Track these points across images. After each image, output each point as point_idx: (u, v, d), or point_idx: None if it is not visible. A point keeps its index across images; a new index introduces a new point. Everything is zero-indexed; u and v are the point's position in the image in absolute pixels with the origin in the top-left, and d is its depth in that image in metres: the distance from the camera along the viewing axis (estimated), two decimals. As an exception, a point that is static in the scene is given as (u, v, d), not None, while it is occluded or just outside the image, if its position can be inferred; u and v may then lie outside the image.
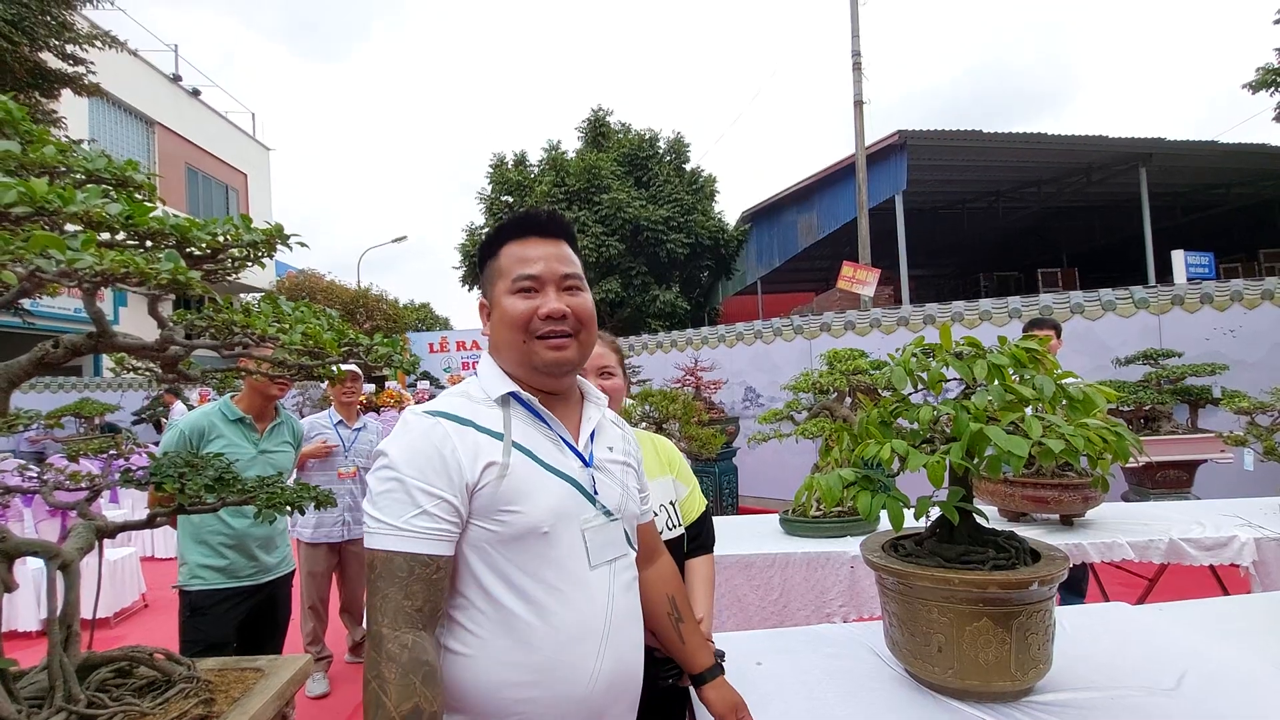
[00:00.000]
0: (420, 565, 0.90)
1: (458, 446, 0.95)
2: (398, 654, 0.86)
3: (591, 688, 0.98)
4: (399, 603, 0.89)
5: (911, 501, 1.39)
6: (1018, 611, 1.27)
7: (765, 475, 7.03)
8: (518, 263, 1.05)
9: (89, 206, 0.89)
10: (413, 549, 0.90)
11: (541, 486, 0.99)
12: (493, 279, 1.09)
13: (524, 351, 1.04)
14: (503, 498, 0.96)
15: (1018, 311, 6.33)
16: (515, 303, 1.04)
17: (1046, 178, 13.79)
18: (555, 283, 1.05)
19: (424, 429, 0.97)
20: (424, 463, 0.93)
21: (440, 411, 1.00)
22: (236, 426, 2.22)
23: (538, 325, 1.03)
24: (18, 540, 1.13)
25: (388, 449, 0.96)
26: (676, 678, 1.40)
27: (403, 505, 0.91)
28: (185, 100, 17.19)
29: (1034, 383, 1.35)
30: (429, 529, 0.92)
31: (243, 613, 2.16)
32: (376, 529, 0.92)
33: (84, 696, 1.15)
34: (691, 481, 1.67)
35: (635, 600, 1.11)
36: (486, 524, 0.96)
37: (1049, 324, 3.96)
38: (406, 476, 0.92)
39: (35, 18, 7.67)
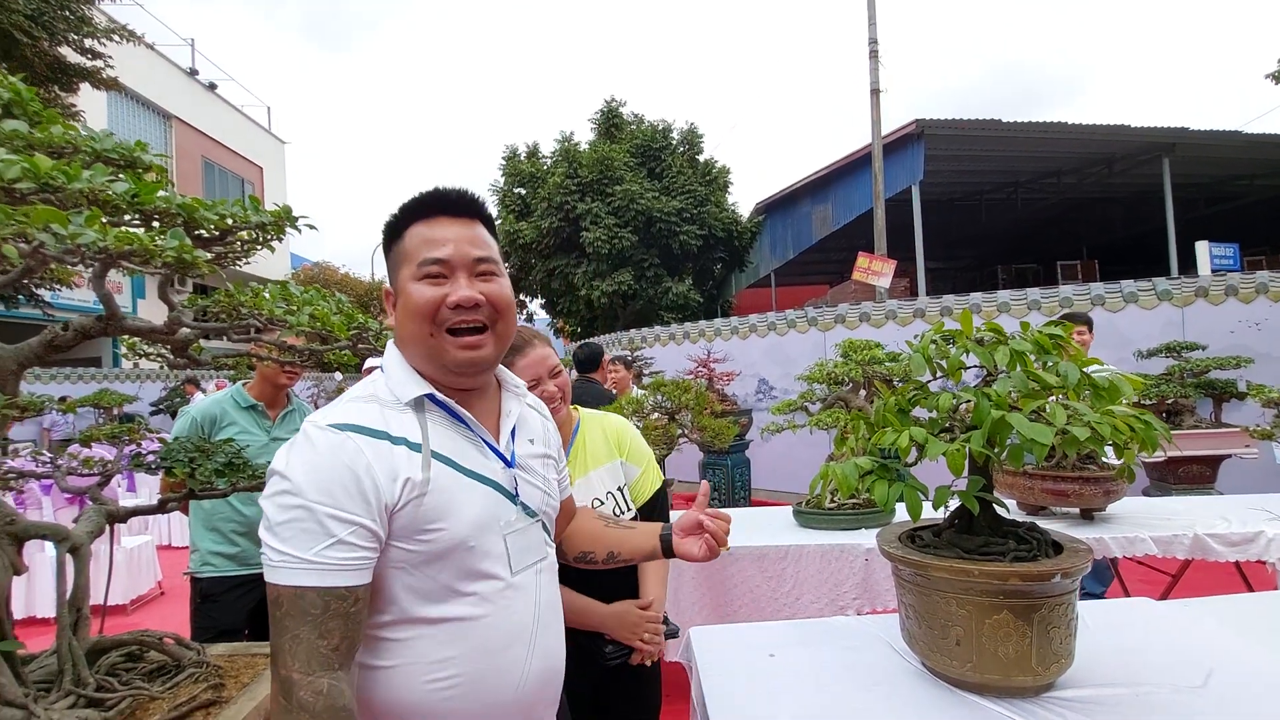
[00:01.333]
0: (336, 600, 0.80)
1: (372, 464, 0.85)
2: (311, 703, 0.78)
3: (521, 690, 0.95)
4: (312, 643, 0.79)
5: (930, 492, 1.36)
6: (1039, 605, 1.24)
7: (778, 468, 6.99)
8: (424, 245, 0.93)
9: (95, 184, 0.88)
10: (326, 583, 0.80)
11: (464, 499, 0.91)
12: (397, 263, 0.96)
13: (431, 346, 0.93)
14: (424, 516, 0.87)
15: (1037, 303, 6.23)
16: (421, 290, 0.91)
17: (1067, 168, 13.53)
18: (466, 267, 0.93)
19: (331, 446, 0.84)
20: (334, 485, 0.82)
21: (348, 424, 0.87)
22: (249, 414, 2.23)
23: (446, 316, 0.91)
24: (27, 523, 1.13)
25: (287, 471, 0.83)
26: (624, 658, 1.42)
27: (311, 535, 0.80)
28: (202, 94, 17.34)
29: (1058, 369, 1.31)
30: (344, 560, 0.81)
31: (253, 600, 2.18)
32: (281, 563, 0.80)
33: (93, 680, 1.15)
34: (644, 460, 1.63)
35: (556, 590, 1.07)
36: (406, 544, 0.88)
37: (1081, 318, 3.88)
38: (314, 502, 0.81)
39: (54, 12, 7.75)
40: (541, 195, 14.40)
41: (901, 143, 11.47)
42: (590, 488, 1.55)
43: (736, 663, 1.52)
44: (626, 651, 1.43)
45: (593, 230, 13.61)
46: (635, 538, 1.31)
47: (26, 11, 7.26)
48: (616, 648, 1.43)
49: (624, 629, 1.42)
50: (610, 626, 1.43)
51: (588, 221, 13.75)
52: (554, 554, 1.09)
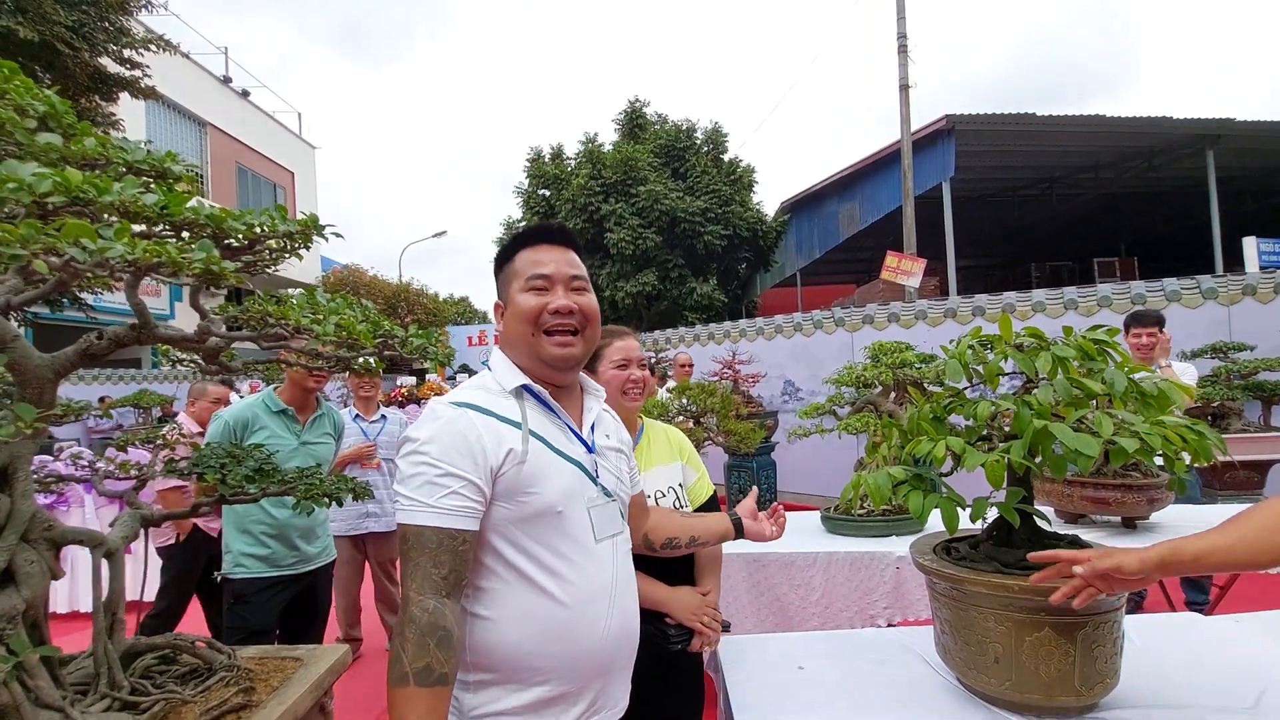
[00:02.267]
0: (449, 538, 1.00)
1: (482, 434, 1.05)
2: (419, 616, 0.96)
3: (604, 641, 1.11)
4: (427, 570, 0.98)
5: (967, 502, 1.32)
6: (1083, 622, 1.19)
7: (805, 470, 6.89)
8: (531, 264, 1.16)
9: (125, 197, 0.89)
10: (442, 524, 1.00)
11: (555, 470, 1.10)
12: (508, 280, 1.19)
13: (532, 344, 1.14)
14: (523, 481, 1.06)
15: (1073, 302, 6.05)
16: (528, 299, 1.14)
17: (1104, 162, 13.13)
18: (564, 282, 1.16)
19: (451, 417, 1.06)
20: (452, 448, 1.02)
21: (464, 402, 1.09)
22: (279, 418, 2.26)
23: (546, 320, 1.14)
24: (64, 529, 1.15)
25: (418, 435, 1.05)
26: (685, 642, 1.49)
27: (433, 486, 1.00)
28: (235, 101, 17.76)
29: (1103, 377, 1.25)
30: (457, 506, 1.01)
31: (284, 601, 2.20)
32: (409, 506, 1.01)
33: (127, 683, 1.17)
34: (701, 469, 1.79)
35: (630, 567, 1.24)
36: (508, 504, 1.06)
37: (1152, 317, 3.71)
38: (437, 460, 1.01)
39: (94, 24, 8.00)
40: (565, 197, 14.45)
41: (931, 139, 11.25)
42: (654, 481, 1.66)
43: (765, 675, 1.49)
44: (687, 636, 1.50)
45: (616, 231, 13.61)
46: (712, 522, 1.53)
47: (68, 24, 7.50)
48: (679, 631, 1.49)
49: (685, 610, 1.50)
50: (672, 607, 1.50)
51: (611, 222, 13.76)
52: (628, 532, 1.26)
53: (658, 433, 1.77)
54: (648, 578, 1.51)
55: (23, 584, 1.07)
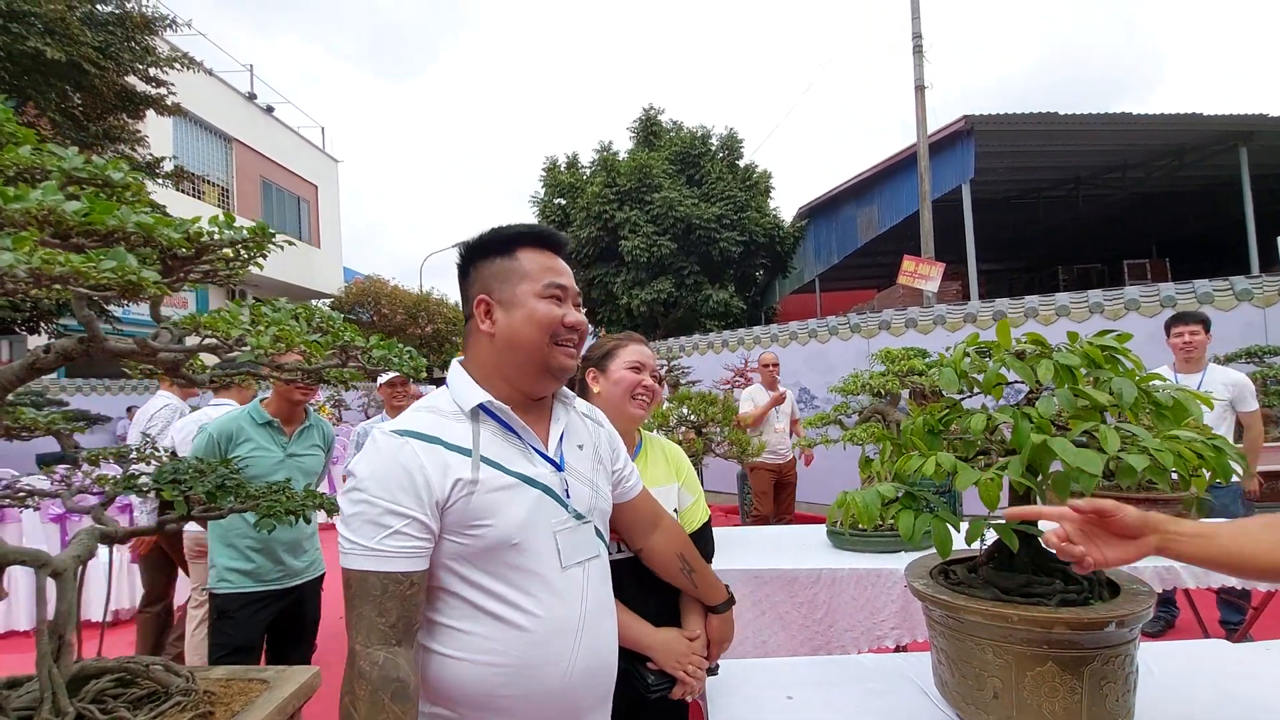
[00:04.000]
0: (393, 583, 0.92)
1: (425, 465, 0.97)
2: (368, 671, 0.90)
3: (567, 681, 1.03)
4: (372, 620, 0.91)
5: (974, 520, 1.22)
6: (1090, 657, 1.08)
7: (821, 480, 6.73)
8: (546, 270, 1.09)
9: (46, 204, 0.84)
10: (385, 568, 0.92)
11: (511, 499, 1.02)
12: (510, 277, 1.09)
13: (544, 353, 1.07)
14: (473, 513, 0.98)
15: (1099, 306, 5.84)
16: (548, 307, 1.07)
17: (1132, 162, 12.76)
18: (573, 297, 1.13)
19: (392, 450, 0.97)
20: (393, 483, 0.95)
21: (407, 431, 1.00)
22: (265, 430, 2.23)
23: (560, 332, 1.08)
24: (6, 549, 1.11)
25: (357, 470, 0.98)
26: (665, 691, 1.37)
27: (373, 527, 0.93)
28: (260, 117, 18.15)
29: (1110, 386, 1.15)
30: (401, 548, 0.93)
31: (269, 616, 2.17)
32: (350, 549, 0.94)
33: (73, 709, 1.12)
34: (697, 492, 1.69)
35: (608, 593, 1.17)
36: (458, 538, 0.99)
37: (1194, 317, 3.53)
38: (376, 498, 0.94)
39: (121, 44, 8.21)
40: (580, 205, 14.46)
41: (950, 140, 11.04)
42: None
43: (751, 703, 1.40)
44: (669, 684, 1.37)
45: (631, 239, 13.58)
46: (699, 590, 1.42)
47: (94, 44, 7.71)
48: (660, 678, 1.37)
49: (670, 657, 1.37)
50: (656, 652, 1.38)
51: (626, 230, 13.73)
52: (606, 555, 1.19)
53: (656, 450, 1.68)
54: (632, 614, 1.40)
55: (-42, 608, 1.03)
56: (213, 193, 16.13)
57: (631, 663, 1.39)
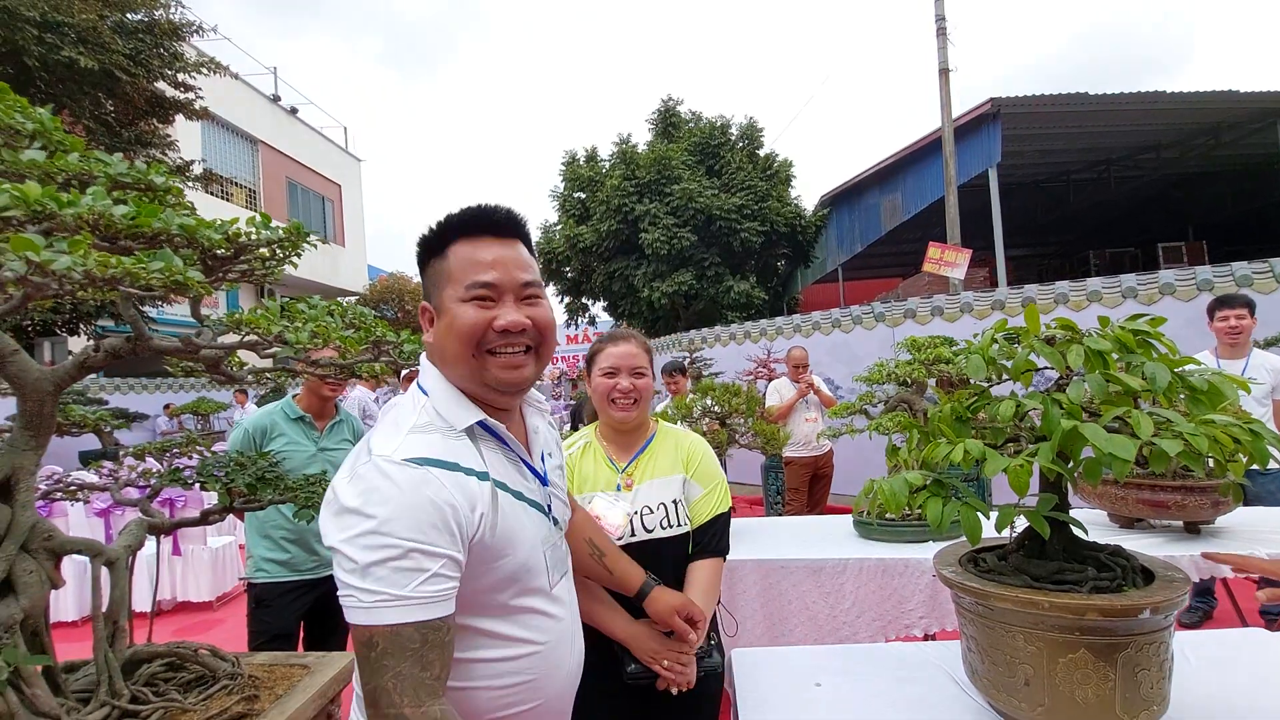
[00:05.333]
0: (433, 631, 0.81)
1: (453, 496, 0.85)
2: None
3: (568, 684, 1.04)
4: (417, 677, 0.80)
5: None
6: (1124, 643, 1.07)
7: (850, 471, 6.68)
8: (471, 267, 0.93)
9: (95, 209, 0.88)
10: (423, 616, 0.80)
11: (522, 523, 0.95)
12: (439, 282, 0.95)
13: (473, 367, 0.94)
14: (496, 545, 0.90)
15: (1133, 290, 5.69)
16: (468, 312, 0.92)
17: (1166, 141, 12.37)
18: (514, 291, 0.95)
19: (414, 482, 0.83)
20: (424, 522, 0.82)
21: (425, 459, 0.86)
22: (297, 425, 2.30)
23: (492, 338, 0.93)
24: (64, 539, 1.16)
25: (370, 509, 0.81)
26: (649, 680, 1.36)
27: (406, 573, 0.80)
28: (284, 118, 18.46)
29: (1143, 371, 1.13)
30: (438, 592, 0.82)
31: (305, 605, 2.24)
32: (374, 603, 0.79)
33: (127, 691, 1.18)
34: (711, 483, 1.59)
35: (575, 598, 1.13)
36: (479, 571, 0.90)
37: (1241, 300, 3.42)
38: (405, 540, 0.80)
39: (150, 51, 8.41)
40: (600, 198, 14.47)
41: (976, 124, 10.81)
42: (644, 496, 1.54)
43: (779, 691, 1.42)
44: (650, 676, 1.36)
45: (651, 231, 13.56)
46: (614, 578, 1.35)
47: (125, 51, 7.92)
48: (640, 668, 1.36)
49: (643, 652, 1.35)
50: (629, 645, 1.37)
51: (646, 223, 13.71)
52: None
53: (667, 441, 1.62)
54: (611, 604, 1.40)
55: (21, 593, 1.09)
56: (240, 194, 16.47)
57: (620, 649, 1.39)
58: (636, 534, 1.49)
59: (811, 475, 5.05)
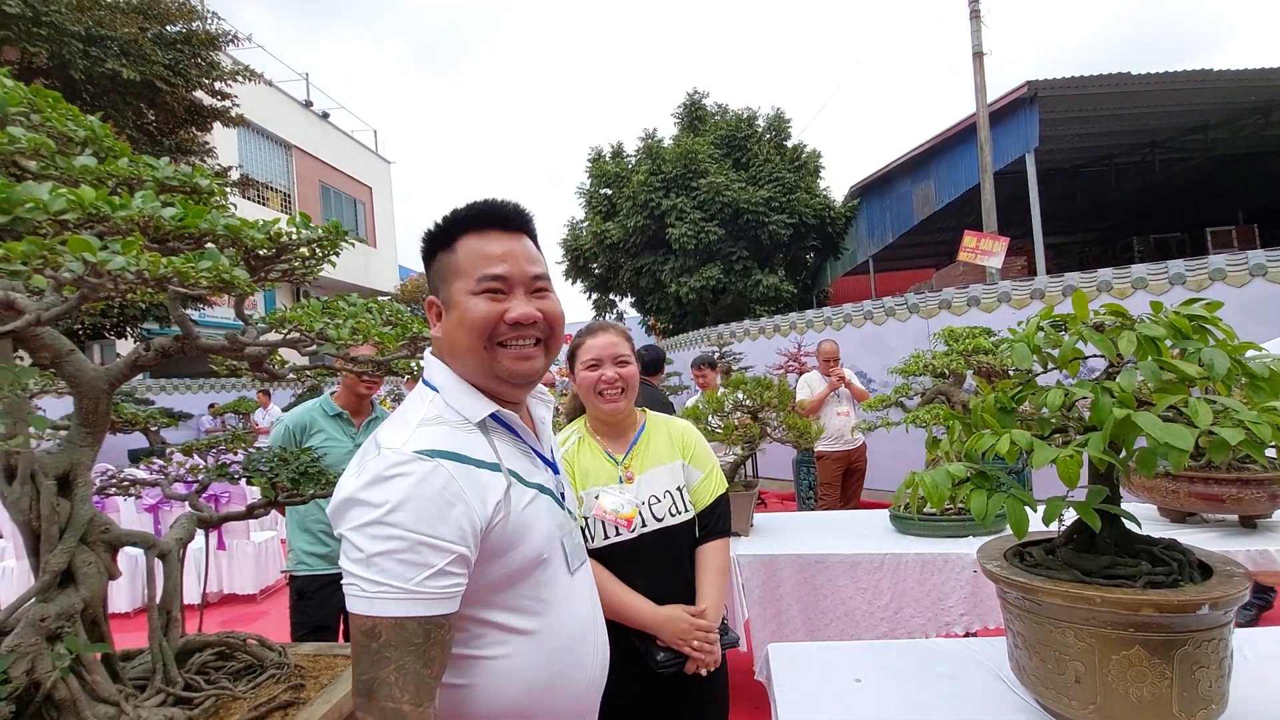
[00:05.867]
0: (436, 628, 0.81)
1: (464, 490, 0.84)
2: None
3: (591, 680, 1.00)
4: (419, 673, 0.79)
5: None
6: (1181, 640, 1.03)
7: (885, 465, 6.59)
8: (481, 260, 0.93)
9: (146, 211, 0.90)
10: (430, 612, 0.80)
11: (535, 513, 0.94)
12: (447, 275, 0.95)
13: (484, 359, 0.94)
14: (508, 537, 0.89)
15: (1180, 277, 5.48)
16: (479, 304, 0.92)
17: (1214, 121, 11.86)
18: (525, 284, 0.95)
19: (424, 475, 0.83)
20: (433, 515, 0.81)
21: (435, 450, 0.85)
22: (335, 421, 2.35)
23: (503, 331, 0.93)
24: (120, 532, 1.20)
25: (377, 500, 0.81)
26: (677, 667, 1.38)
27: (412, 566, 0.79)
28: (316, 123, 18.86)
29: (1200, 357, 1.09)
30: (443, 588, 0.81)
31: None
32: (380, 593, 0.78)
33: (181, 679, 1.22)
34: (707, 466, 1.64)
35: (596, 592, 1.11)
36: (491, 565, 0.89)
37: None
38: (413, 532, 0.79)
39: (188, 61, 8.66)
40: (626, 194, 14.46)
41: (1012, 108, 10.50)
42: (649, 485, 1.56)
43: (818, 687, 1.40)
44: (680, 660, 1.39)
45: (678, 226, 13.51)
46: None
47: (164, 62, 8.17)
48: (670, 655, 1.40)
49: (673, 635, 1.39)
50: (659, 631, 1.40)
51: (673, 217, 13.67)
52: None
53: (659, 430, 1.64)
54: (634, 594, 1.43)
55: (81, 584, 1.13)
56: (276, 199, 16.89)
57: (642, 642, 1.43)
58: (648, 524, 1.51)
59: (844, 470, 4.98)
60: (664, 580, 1.48)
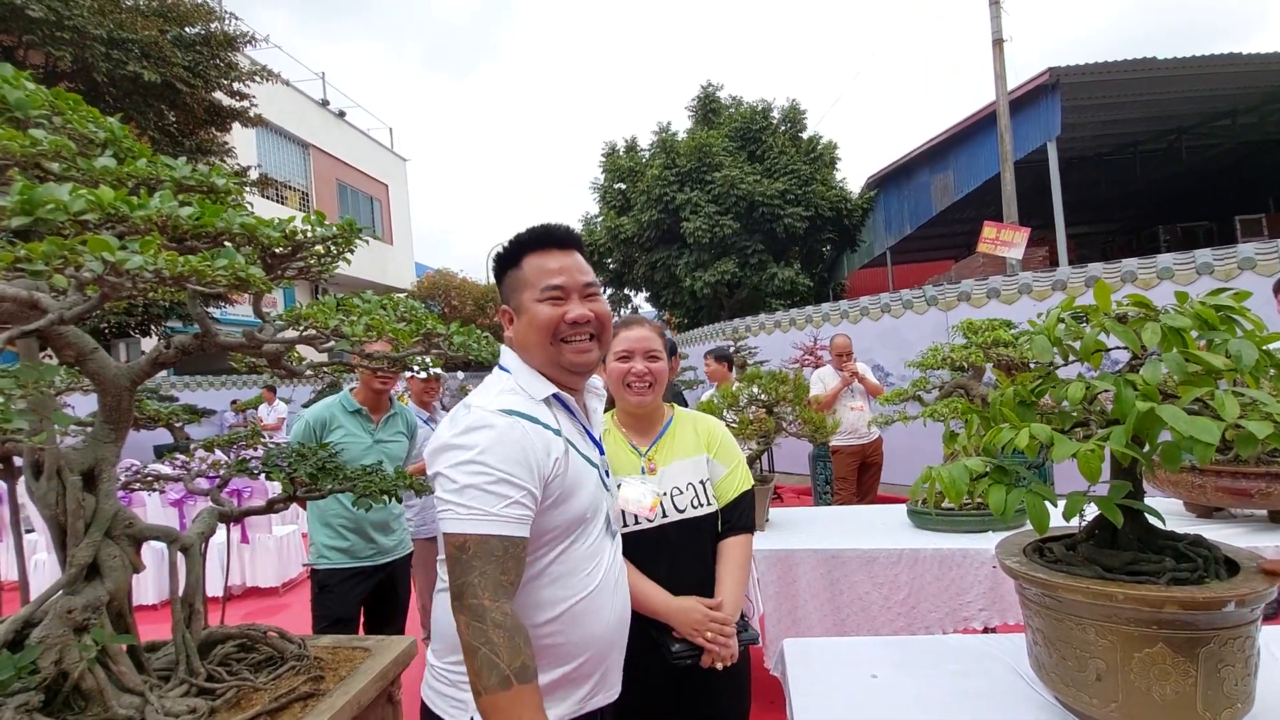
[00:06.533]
0: (512, 545, 1.02)
1: (534, 442, 1.06)
2: (503, 621, 0.98)
3: (609, 626, 1.18)
4: (496, 578, 0.99)
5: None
6: (1206, 638, 1.01)
7: (903, 460, 6.52)
8: (543, 274, 1.16)
9: (164, 211, 0.92)
10: (507, 532, 1.01)
11: (585, 478, 1.15)
12: (517, 287, 1.18)
13: (551, 353, 1.16)
14: (564, 490, 1.11)
15: (1208, 266, 5.35)
16: (544, 309, 1.15)
17: (1244, 107, 11.54)
18: (579, 291, 1.17)
19: (505, 426, 1.05)
20: (510, 458, 1.03)
21: (515, 411, 1.09)
22: (354, 417, 2.38)
23: (564, 330, 1.15)
24: (143, 526, 1.23)
25: (470, 443, 1.03)
26: (693, 659, 1.38)
27: (493, 496, 1.01)
28: (333, 122, 19.03)
29: (1227, 348, 1.06)
30: (518, 515, 1.03)
31: (365, 591, 2.32)
32: (469, 515, 1.00)
33: (204, 670, 1.24)
34: (732, 461, 1.65)
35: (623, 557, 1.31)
36: (550, 510, 1.10)
37: None
38: (497, 470, 1.02)
39: (207, 62, 8.78)
40: (640, 189, 14.43)
41: (1033, 96, 10.31)
42: (672, 477, 1.56)
43: (833, 682, 1.39)
44: (696, 653, 1.38)
45: (692, 220, 13.46)
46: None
47: (184, 64, 8.30)
48: (685, 646, 1.39)
49: (685, 625, 1.39)
50: (671, 619, 1.41)
51: (687, 211, 13.61)
52: None
53: (685, 425, 1.67)
54: (650, 582, 1.44)
55: (107, 577, 1.16)
56: (294, 197, 17.09)
57: (659, 633, 1.42)
58: (669, 515, 1.51)
59: (859, 464, 4.94)
60: (684, 572, 1.48)
